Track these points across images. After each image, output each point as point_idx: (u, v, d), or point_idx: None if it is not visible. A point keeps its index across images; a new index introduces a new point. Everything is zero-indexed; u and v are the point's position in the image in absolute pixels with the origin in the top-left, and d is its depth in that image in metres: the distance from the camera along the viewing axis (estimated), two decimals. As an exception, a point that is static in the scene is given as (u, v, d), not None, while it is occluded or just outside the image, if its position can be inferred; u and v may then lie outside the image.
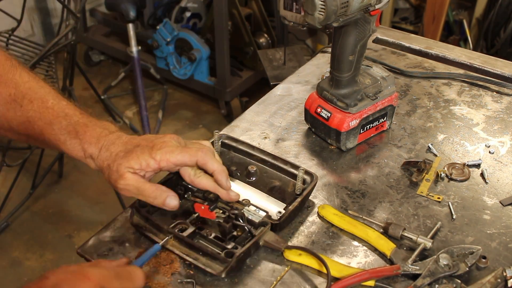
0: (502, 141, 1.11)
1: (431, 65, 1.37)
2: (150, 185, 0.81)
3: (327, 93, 1.05)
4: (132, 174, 0.80)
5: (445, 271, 0.80)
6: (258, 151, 1.00)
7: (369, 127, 1.08)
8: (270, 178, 0.97)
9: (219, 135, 1.01)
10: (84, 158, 0.84)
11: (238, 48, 3.04)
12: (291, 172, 0.96)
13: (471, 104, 1.22)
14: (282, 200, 0.93)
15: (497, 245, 0.87)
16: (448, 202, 0.95)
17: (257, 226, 0.85)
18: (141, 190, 0.80)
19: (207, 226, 0.87)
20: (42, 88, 0.86)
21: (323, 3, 0.87)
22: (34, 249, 2.34)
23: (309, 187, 0.91)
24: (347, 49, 0.99)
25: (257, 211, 0.88)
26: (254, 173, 0.97)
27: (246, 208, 0.88)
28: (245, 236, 0.84)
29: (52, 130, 0.84)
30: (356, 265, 0.84)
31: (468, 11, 3.34)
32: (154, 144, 0.82)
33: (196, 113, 3.25)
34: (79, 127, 0.83)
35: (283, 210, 0.90)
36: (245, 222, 0.84)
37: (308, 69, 1.37)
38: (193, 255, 0.81)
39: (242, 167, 0.99)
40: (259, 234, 0.83)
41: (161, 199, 0.81)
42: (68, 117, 0.84)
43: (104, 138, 0.83)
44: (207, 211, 0.84)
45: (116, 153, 0.81)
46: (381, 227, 0.89)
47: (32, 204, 2.54)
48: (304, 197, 0.90)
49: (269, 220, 0.86)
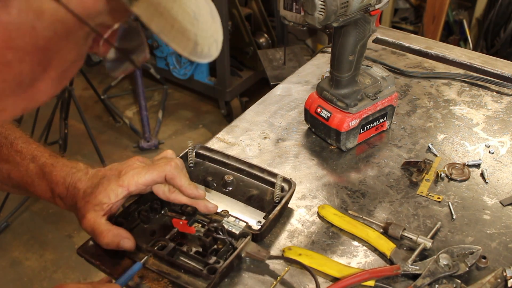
0: (502, 141, 1.11)
1: (431, 65, 1.37)
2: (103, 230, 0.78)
3: (327, 93, 1.05)
4: (94, 214, 0.78)
5: (445, 271, 0.80)
6: (233, 160, 0.98)
7: (369, 127, 1.08)
8: (247, 187, 0.95)
9: (193, 145, 0.98)
10: (52, 198, 0.83)
11: (238, 48, 3.04)
12: (269, 180, 0.94)
13: (471, 104, 1.22)
14: (260, 209, 0.91)
15: (497, 245, 0.87)
16: (448, 202, 0.95)
17: (237, 237, 0.83)
18: (94, 234, 0.79)
19: (187, 240, 0.84)
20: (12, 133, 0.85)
21: (323, 3, 0.87)
22: (34, 249, 2.34)
23: (287, 194, 0.90)
24: (347, 49, 0.99)
25: (237, 222, 0.85)
26: (231, 182, 0.95)
27: (225, 220, 0.85)
28: (226, 249, 0.82)
29: (19, 172, 0.82)
30: (356, 265, 0.84)
31: (468, 11, 3.34)
32: (120, 171, 0.81)
33: (196, 113, 3.25)
34: (46, 168, 0.82)
35: (263, 219, 0.88)
36: (226, 234, 0.82)
37: (308, 69, 1.37)
38: (175, 273, 0.78)
39: (218, 177, 0.96)
40: (240, 246, 0.81)
41: (114, 244, 0.79)
42: (36, 159, 0.83)
43: (71, 176, 0.82)
44: (185, 226, 0.83)
45: (84, 190, 0.80)
46: (381, 227, 0.89)
47: (32, 204, 2.54)
48: (283, 204, 0.89)
49: (249, 231, 0.84)
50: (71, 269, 2.26)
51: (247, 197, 0.93)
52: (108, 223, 0.79)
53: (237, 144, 1.10)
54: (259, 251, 0.82)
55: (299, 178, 1.01)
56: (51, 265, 2.28)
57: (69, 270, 2.25)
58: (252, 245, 0.82)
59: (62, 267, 2.27)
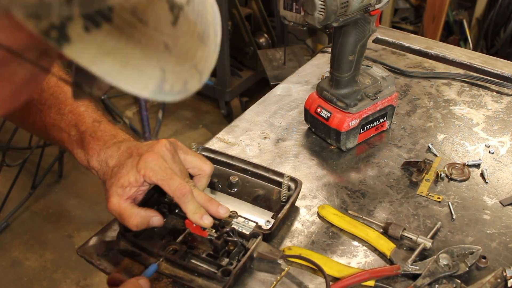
0: (502, 141, 1.11)
1: (431, 65, 1.37)
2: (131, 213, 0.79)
3: (327, 93, 1.05)
4: (117, 198, 0.78)
5: (445, 271, 0.80)
6: (238, 160, 0.97)
7: (369, 127, 1.08)
8: (253, 187, 0.95)
9: (196, 147, 0.98)
10: (89, 169, 0.84)
11: (238, 48, 3.04)
12: (274, 180, 0.94)
13: (471, 104, 1.22)
14: (268, 209, 0.91)
15: (497, 245, 0.87)
16: (448, 202, 0.95)
17: (248, 238, 0.82)
18: (123, 218, 0.79)
19: (197, 242, 0.84)
20: (63, 93, 0.86)
21: (323, 3, 0.87)
22: (34, 249, 2.34)
23: (294, 193, 0.90)
24: (347, 49, 0.99)
25: (247, 222, 0.85)
26: (236, 183, 0.95)
27: (235, 221, 0.85)
28: (238, 250, 0.81)
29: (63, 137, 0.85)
30: (356, 265, 0.84)
31: (468, 11, 3.34)
32: (142, 155, 0.80)
33: (196, 113, 3.25)
34: (85, 137, 0.83)
35: (271, 219, 0.88)
36: (236, 236, 0.81)
37: (308, 69, 1.37)
38: (188, 276, 0.78)
39: (223, 179, 0.96)
40: (252, 247, 0.80)
41: (143, 225, 0.79)
42: (78, 125, 0.84)
43: (105, 151, 0.82)
44: (198, 228, 0.82)
45: (112, 169, 0.81)
46: (381, 227, 0.89)
47: (32, 204, 2.54)
48: (291, 203, 0.89)
49: (260, 231, 0.83)
50: (71, 269, 2.26)
51: (253, 197, 0.94)
52: (133, 205, 0.80)
53: (237, 144, 1.10)
54: (271, 251, 0.81)
55: (299, 178, 1.01)
56: (51, 265, 2.27)
57: (69, 270, 2.25)
58: (264, 245, 0.82)
59: (62, 267, 2.27)
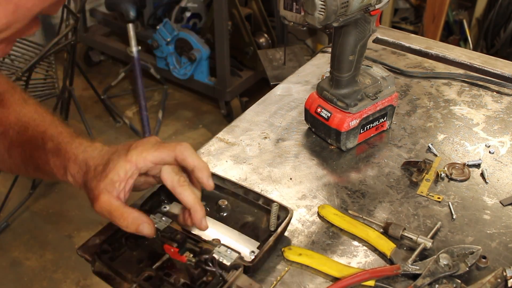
0: (502, 141, 1.11)
1: (431, 65, 1.37)
2: (123, 211, 0.74)
3: (327, 93, 1.05)
4: (107, 196, 0.74)
5: (445, 271, 0.80)
6: (229, 184, 0.92)
7: (369, 127, 1.08)
8: (242, 213, 0.90)
9: None
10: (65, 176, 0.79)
11: (238, 48, 3.04)
12: (264, 207, 0.89)
13: (471, 104, 1.22)
14: (255, 238, 0.86)
15: (497, 245, 0.87)
16: (448, 202, 0.95)
17: (228, 269, 0.77)
18: (113, 216, 0.75)
19: (175, 270, 0.79)
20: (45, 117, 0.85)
21: (323, 3, 0.87)
22: (34, 249, 2.34)
23: (283, 223, 0.85)
24: (347, 49, 0.99)
25: (229, 252, 0.79)
26: (225, 208, 0.90)
27: (216, 249, 0.80)
28: (216, 282, 0.76)
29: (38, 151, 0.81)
30: (356, 265, 0.84)
31: (468, 11, 3.34)
32: (130, 145, 0.77)
33: (196, 113, 3.25)
34: (61, 145, 0.80)
35: (257, 250, 0.83)
36: (216, 266, 0.76)
37: (308, 69, 1.37)
38: None
39: (212, 202, 0.91)
40: (231, 280, 0.75)
41: (133, 226, 0.75)
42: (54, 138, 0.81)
43: (84, 153, 0.78)
44: (177, 254, 0.78)
45: (95, 167, 0.76)
46: (381, 227, 0.89)
47: (32, 204, 2.54)
48: (279, 234, 0.84)
49: (241, 262, 0.78)
50: (71, 269, 2.26)
51: (241, 224, 0.88)
52: (125, 204, 0.76)
53: (237, 144, 1.10)
54: (250, 285, 0.77)
55: (299, 178, 1.01)
56: (51, 265, 2.28)
57: (69, 270, 2.26)
58: (244, 278, 0.77)
59: (62, 267, 2.27)
